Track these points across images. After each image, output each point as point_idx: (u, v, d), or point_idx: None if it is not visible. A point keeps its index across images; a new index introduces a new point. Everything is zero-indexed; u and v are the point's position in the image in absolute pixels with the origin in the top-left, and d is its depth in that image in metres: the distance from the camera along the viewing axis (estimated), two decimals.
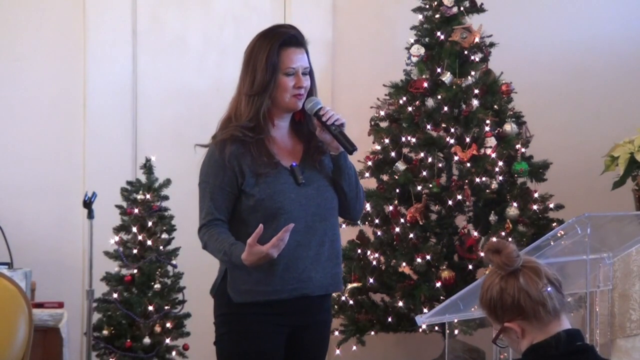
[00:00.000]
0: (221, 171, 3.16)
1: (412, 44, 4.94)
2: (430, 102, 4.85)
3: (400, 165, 4.83)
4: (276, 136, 3.24)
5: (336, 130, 3.23)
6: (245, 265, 3.05)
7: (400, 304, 4.69)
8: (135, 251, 4.60)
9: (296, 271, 3.15)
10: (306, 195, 3.18)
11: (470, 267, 4.71)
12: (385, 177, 4.92)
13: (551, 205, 4.82)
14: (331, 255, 3.22)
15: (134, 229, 4.61)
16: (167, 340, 4.61)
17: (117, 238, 4.63)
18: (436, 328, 4.81)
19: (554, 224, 4.70)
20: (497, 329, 2.44)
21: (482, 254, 4.62)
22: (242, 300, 3.17)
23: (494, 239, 4.65)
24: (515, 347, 2.44)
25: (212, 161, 3.18)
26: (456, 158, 4.75)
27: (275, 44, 3.18)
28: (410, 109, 4.87)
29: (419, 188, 4.74)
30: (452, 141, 4.79)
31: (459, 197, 4.68)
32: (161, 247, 4.62)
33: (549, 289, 2.38)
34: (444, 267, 4.69)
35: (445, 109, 4.79)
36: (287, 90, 3.19)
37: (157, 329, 4.59)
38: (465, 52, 4.88)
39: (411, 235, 4.72)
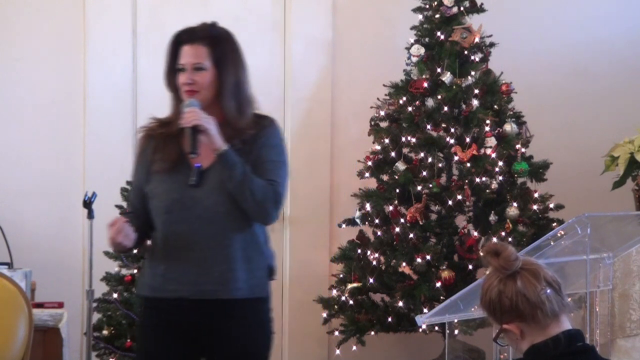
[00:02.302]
0: (138, 167, 3.27)
1: (412, 44, 4.94)
2: (430, 102, 4.85)
3: (400, 165, 4.83)
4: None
5: (189, 131, 3.11)
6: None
7: (400, 304, 4.69)
8: (135, 251, 4.59)
9: (176, 272, 3.15)
10: (193, 197, 3.13)
11: (470, 267, 4.71)
12: (385, 177, 4.92)
13: (551, 205, 4.82)
14: (219, 260, 3.12)
15: None
16: None
17: None
18: (436, 328, 4.81)
19: (554, 224, 4.70)
20: (498, 328, 2.45)
21: (481, 254, 4.62)
22: (139, 292, 3.29)
23: (494, 240, 4.66)
24: (515, 346, 2.45)
25: (135, 156, 3.32)
26: (456, 158, 4.75)
27: (172, 44, 3.22)
28: (410, 109, 4.87)
29: (419, 188, 4.74)
30: (452, 141, 4.79)
31: (459, 197, 4.68)
32: None
33: (547, 291, 2.38)
34: (444, 267, 4.69)
35: (445, 109, 4.79)
36: (181, 87, 3.19)
37: None
38: (465, 52, 4.88)
39: (411, 235, 4.72)
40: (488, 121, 4.77)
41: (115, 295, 4.59)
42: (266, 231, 3.28)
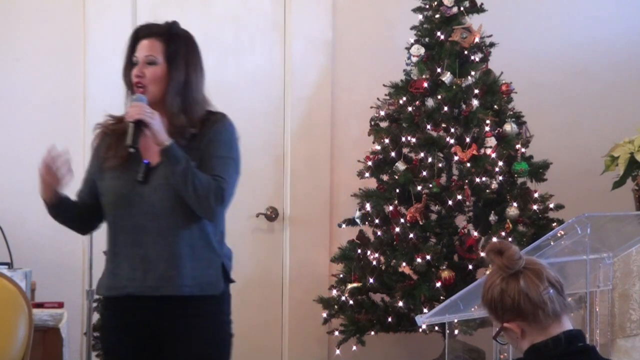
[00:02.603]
0: (92, 161, 3.33)
1: (412, 44, 4.94)
2: (430, 102, 4.85)
3: (400, 165, 4.83)
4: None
5: (131, 125, 3.12)
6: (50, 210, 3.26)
7: (400, 304, 4.68)
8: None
9: (124, 269, 3.17)
10: (141, 193, 3.15)
11: (470, 267, 4.71)
12: (385, 177, 4.92)
13: (551, 205, 4.82)
14: (165, 257, 3.12)
15: None
16: None
17: None
18: (436, 328, 4.81)
19: (554, 224, 4.70)
20: (498, 326, 2.45)
21: (482, 254, 4.62)
22: (97, 292, 3.31)
23: (494, 239, 4.65)
24: (515, 345, 2.46)
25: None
26: (456, 158, 4.74)
27: (131, 39, 3.25)
28: (410, 109, 4.87)
29: (419, 188, 4.74)
30: (452, 141, 4.79)
31: (459, 197, 4.68)
32: None
33: (550, 291, 2.39)
34: (444, 267, 4.69)
35: (445, 109, 4.79)
36: (133, 80, 3.21)
37: None
38: (465, 52, 4.88)
39: (411, 235, 4.72)
40: (488, 121, 4.77)
41: None
42: (221, 229, 3.27)
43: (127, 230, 3.17)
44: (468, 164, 4.71)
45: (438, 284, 4.63)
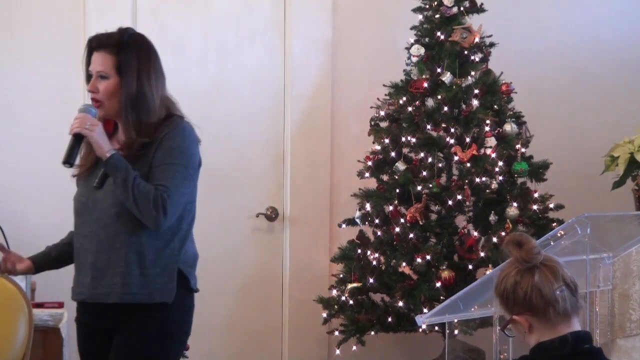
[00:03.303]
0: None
1: (412, 44, 4.94)
2: (430, 102, 4.85)
3: (400, 165, 4.83)
4: (120, 138, 3.24)
5: (70, 139, 3.16)
6: None
7: (400, 304, 4.68)
8: None
9: (80, 275, 3.22)
10: (95, 199, 3.18)
11: (470, 267, 4.71)
12: (385, 177, 4.92)
13: (551, 205, 4.82)
14: (111, 263, 3.12)
15: None
16: None
17: None
18: (436, 328, 4.81)
19: (554, 224, 4.70)
20: (507, 318, 2.46)
21: (482, 254, 4.63)
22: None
23: (494, 239, 4.66)
24: (522, 339, 2.46)
25: None
26: (456, 158, 4.74)
27: (86, 50, 3.27)
28: (410, 109, 4.87)
29: (419, 188, 4.74)
30: (452, 141, 4.79)
31: (459, 197, 4.68)
32: None
33: (563, 290, 2.39)
34: (444, 267, 4.69)
35: (445, 109, 4.79)
36: None
37: None
38: (465, 52, 4.88)
39: (411, 235, 4.72)
40: (488, 121, 4.77)
41: None
42: (183, 234, 3.20)
43: (84, 237, 3.20)
44: (468, 164, 4.71)
45: (438, 284, 4.63)
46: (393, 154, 4.87)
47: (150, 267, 3.12)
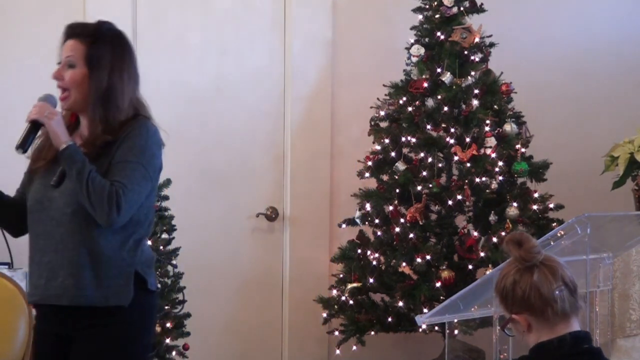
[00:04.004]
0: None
1: (412, 44, 4.94)
2: (430, 102, 4.85)
3: (400, 165, 4.83)
4: (83, 134, 3.14)
5: (27, 125, 3.09)
6: None
7: (400, 304, 4.68)
8: None
9: (34, 276, 3.09)
10: (50, 197, 3.05)
11: (470, 267, 4.71)
12: (385, 177, 4.92)
13: (551, 205, 4.82)
14: (65, 265, 2.99)
15: None
16: (167, 340, 4.60)
17: None
18: (436, 328, 4.81)
19: (554, 224, 4.70)
20: (507, 317, 2.46)
21: (482, 254, 4.63)
22: None
23: (494, 239, 4.66)
24: (522, 339, 2.46)
25: None
26: (456, 158, 4.75)
27: (61, 39, 3.18)
28: (410, 109, 4.87)
29: (419, 188, 4.74)
30: (452, 141, 4.79)
31: (459, 197, 4.68)
32: (161, 247, 4.61)
33: (562, 290, 2.39)
34: (444, 267, 4.69)
35: (445, 109, 4.79)
36: None
37: (157, 328, 4.58)
38: (465, 52, 4.88)
39: (411, 235, 4.72)
40: (488, 121, 4.77)
41: None
42: (139, 234, 3.09)
43: (38, 236, 3.06)
44: (468, 164, 4.71)
45: (438, 284, 4.63)
46: (393, 154, 4.87)
47: (105, 270, 2.99)
